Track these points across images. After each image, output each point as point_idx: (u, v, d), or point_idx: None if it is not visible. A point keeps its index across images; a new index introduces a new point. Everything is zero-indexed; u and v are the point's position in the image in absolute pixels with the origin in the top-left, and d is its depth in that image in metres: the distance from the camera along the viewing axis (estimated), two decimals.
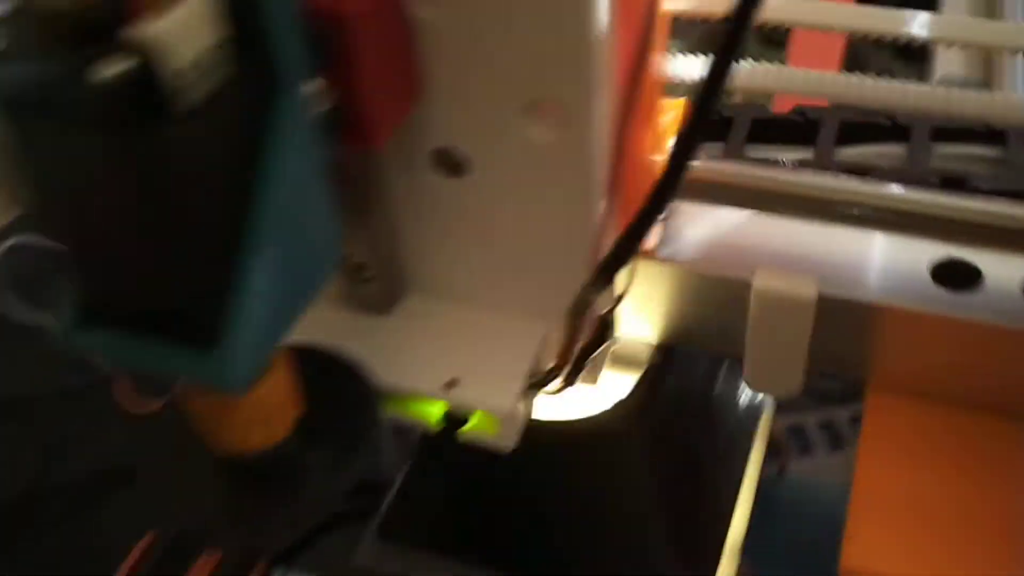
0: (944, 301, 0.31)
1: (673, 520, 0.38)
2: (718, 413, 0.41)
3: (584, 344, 0.30)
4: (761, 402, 0.42)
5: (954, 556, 0.29)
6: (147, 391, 0.35)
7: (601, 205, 0.29)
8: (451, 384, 0.30)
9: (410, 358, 0.31)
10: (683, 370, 0.38)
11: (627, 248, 0.28)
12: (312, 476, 0.27)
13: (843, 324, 0.32)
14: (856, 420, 0.50)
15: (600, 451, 0.36)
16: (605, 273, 0.28)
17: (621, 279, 0.31)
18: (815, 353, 0.32)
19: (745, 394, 0.42)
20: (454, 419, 0.30)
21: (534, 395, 0.31)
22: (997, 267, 0.32)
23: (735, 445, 0.41)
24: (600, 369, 0.34)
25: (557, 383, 0.31)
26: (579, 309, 0.29)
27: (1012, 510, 0.31)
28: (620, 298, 0.31)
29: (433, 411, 0.31)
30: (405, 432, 0.37)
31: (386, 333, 0.31)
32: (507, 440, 0.30)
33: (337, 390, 0.28)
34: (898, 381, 0.33)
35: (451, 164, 0.29)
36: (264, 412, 0.25)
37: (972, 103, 0.34)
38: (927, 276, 0.32)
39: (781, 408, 0.43)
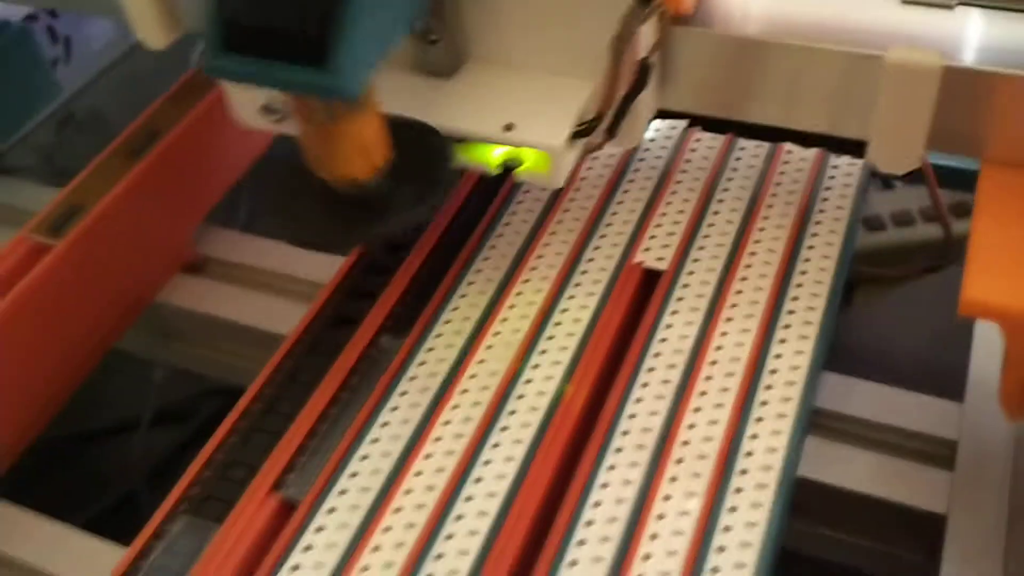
0: None
1: None
2: None
3: (625, 92, 0.35)
4: None
5: None
6: None
7: None
8: (509, 127, 0.35)
9: (474, 108, 0.36)
10: None
11: None
12: (398, 205, 0.34)
13: (962, 95, 0.34)
14: None
15: None
16: None
17: (653, 31, 0.35)
18: (934, 129, 0.35)
19: None
20: (511, 163, 0.36)
21: (580, 142, 0.36)
22: None
23: None
24: (641, 128, 0.38)
25: (601, 134, 0.36)
26: (624, 37, 0.33)
27: None
28: (658, 43, 0.35)
29: (493, 159, 0.36)
30: None
31: (452, 91, 0.37)
32: (557, 179, 0.36)
33: (417, 144, 0.35)
34: (1011, 153, 0.35)
35: None
36: (362, 143, 0.32)
37: None
38: None
39: None
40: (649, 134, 0.47)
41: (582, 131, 0.36)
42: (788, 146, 0.46)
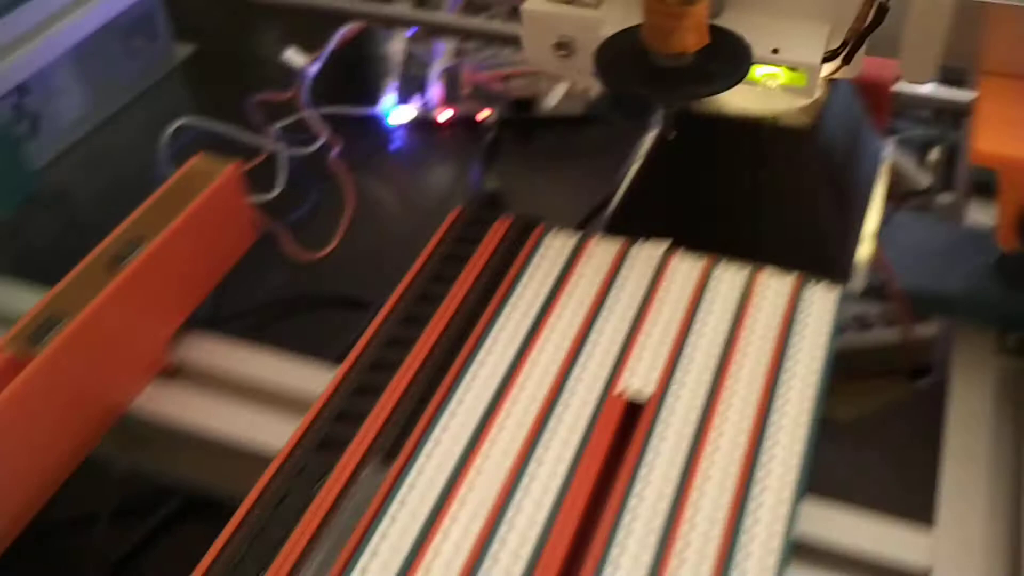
0: None
1: (835, 206, 0.51)
2: (859, 138, 0.55)
3: (865, 27, 0.45)
4: (884, 148, 0.56)
5: None
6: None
7: None
8: (775, 51, 0.46)
9: (746, 37, 0.46)
10: (842, 101, 0.53)
11: None
12: (712, 76, 0.44)
13: (965, 21, 0.47)
14: None
15: (787, 143, 0.50)
16: None
17: None
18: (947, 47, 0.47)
19: (876, 139, 0.56)
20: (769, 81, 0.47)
21: (824, 65, 0.47)
22: None
23: (869, 167, 0.55)
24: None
25: (838, 62, 0.47)
26: None
27: None
28: None
29: (756, 76, 0.47)
30: None
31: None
32: (811, 91, 0.47)
33: (725, 38, 0.45)
34: (1002, 65, 0.49)
35: None
36: (698, 22, 0.43)
37: None
38: None
39: None
40: (629, 257, 0.49)
41: (829, 57, 0.46)
42: (767, 271, 0.47)
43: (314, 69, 0.93)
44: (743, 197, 0.51)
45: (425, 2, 0.99)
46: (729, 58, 0.45)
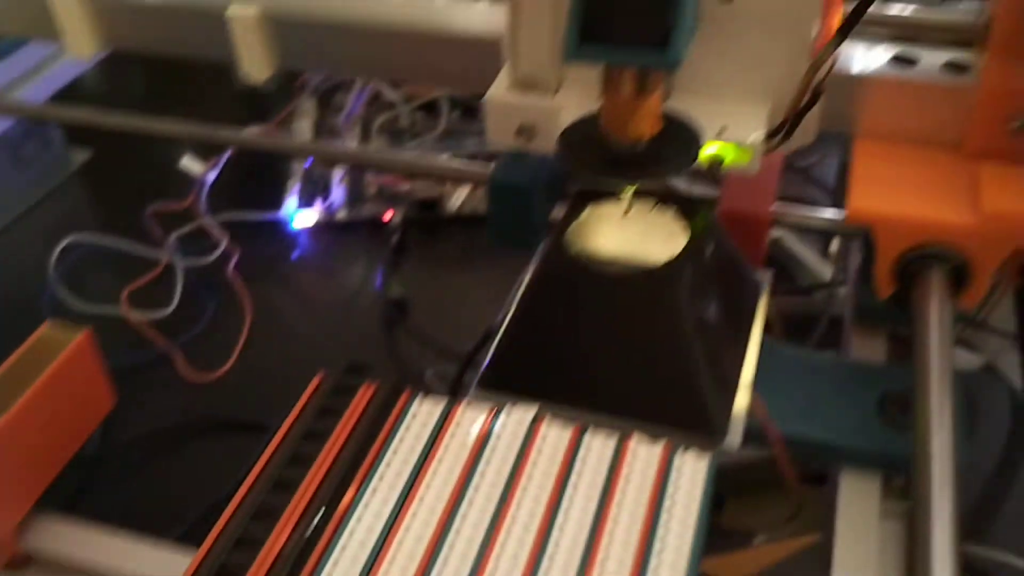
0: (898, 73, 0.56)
1: (708, 359, 0.49)
2: (734, 278, 0.54)
3: (800, 107, 0.48)
4: (761, 285, 0.56)
5: (922, 203, 0.53)
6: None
7: (816, 30, 0.48)
8: (722, 131, 0.49)
9: (695, 117, 0.48)
10: (717, 241, 0.52)
11: (852, 21, 0.46)
12: (666, 160, 0.46)
13: (840, 90, 0.55)
14: None
15: (655, 291, 0.49)
16: (837, 40, 0.47)
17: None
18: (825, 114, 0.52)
19: (752, 276, 0.56)
20: (716, 161, 0.49)
21: (767, 142, 0.50)
22: (930, 56, 0.57)
23: (745, 310, 0.54)
24: (813, 132, 0.52)
25: (779, 137, 0.50)
26: (817, 67, 0.47)
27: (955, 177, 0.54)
28: (828, 71, 0.48)
29: (703, 156, 0.49)
30: None
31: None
32: (754, 167, 0.49)
33: (676, 123, 0.47)
34: (873, 128, 0.57)
35: None
36: (652, 111, 0.45)
37: None
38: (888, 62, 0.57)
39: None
40: (498, 425, 0.46)
41: (771, 133, 0.49)
42: (636, 438, 0.45)
43: (212, 175, 0.91)
44: (614, 347, 0.49)
45: (324, 119, 0.98)
46: (682, 141, 0.47)
